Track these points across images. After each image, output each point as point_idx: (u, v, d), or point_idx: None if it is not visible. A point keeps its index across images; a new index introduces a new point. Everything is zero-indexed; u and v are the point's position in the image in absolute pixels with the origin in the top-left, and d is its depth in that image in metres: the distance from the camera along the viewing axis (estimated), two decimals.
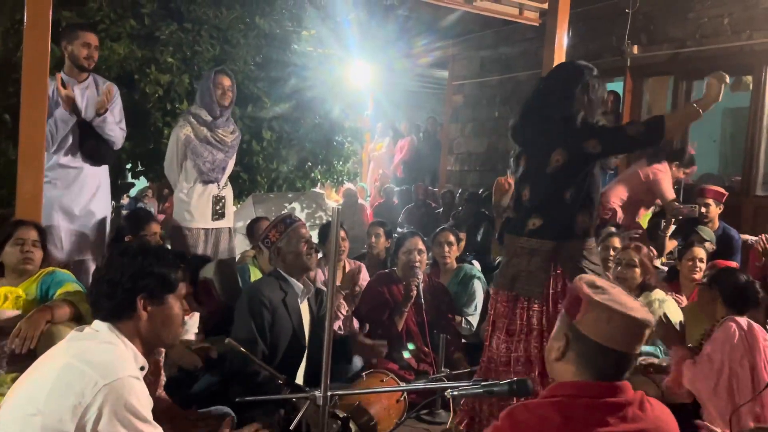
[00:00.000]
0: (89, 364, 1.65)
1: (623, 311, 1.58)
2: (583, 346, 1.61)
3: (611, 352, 1.59)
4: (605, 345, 1.59)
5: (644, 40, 6.82)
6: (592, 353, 1.60)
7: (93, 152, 4.02)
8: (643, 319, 1.60)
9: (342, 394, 2.53)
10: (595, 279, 1.70)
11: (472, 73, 9.48)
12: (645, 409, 1.61)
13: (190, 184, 4.31)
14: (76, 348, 1.73)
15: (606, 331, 1.58)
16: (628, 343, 1.60)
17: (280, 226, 3.31)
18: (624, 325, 1.58)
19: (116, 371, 1.65)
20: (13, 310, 3.04)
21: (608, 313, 1.58)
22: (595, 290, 1.63)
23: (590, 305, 1.60)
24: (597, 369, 1.60)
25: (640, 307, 1.63)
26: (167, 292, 1.87)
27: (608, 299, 1.61)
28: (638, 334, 1.60)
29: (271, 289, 3.17)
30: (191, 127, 4.26)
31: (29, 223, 3.26)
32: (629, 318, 1.58)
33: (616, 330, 1.58)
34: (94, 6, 5.19)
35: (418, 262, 3.91)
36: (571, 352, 1.63)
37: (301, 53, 6.06)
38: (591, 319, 1.60)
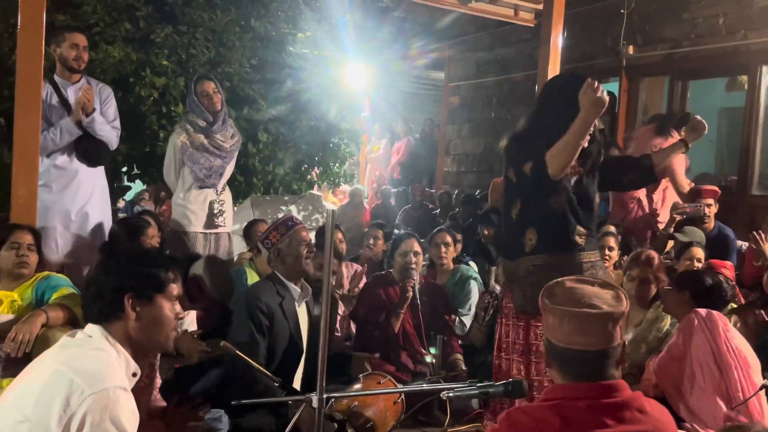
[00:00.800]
0: (78, 372, 1.63)
1: (573, 310, 1.58)
2: (554, 352, 1.64)
3: (575, 352, 1.60)
4: (566, 347, 1.60)
5: (640, 40, 6.83)
6: (563, 357, 1.62)
7: (87, 153, 4.00)
8: (594, 314, 1.58)
9: (339, 397, 2.53)
10: (566, 281, 1.69)
11: (468, 74, 9.48)
12: (643, 410, 1.61)
13: (188, 190, 4.31)
14: (67, 355, 1.72)
15: (564, 333, 1.60)
16: (589, 342, 1.59)
17: (282, 228, 3.31)
18: (578, 324, 1.58)
19: (103, 381, 1.63)
20: (8, 314, 3.03)
21: (559, 316, 1.60)
22: (551, 296, 1.65)
23: (545, 312, 1.64)
24: (573, 371, 1.61)
25: (598, 302, 1.61)
26: (156, 291, 1.85)
27: (560, 302, 1.61)
28: (598, 330, 1.58)
29: (268, 294, 3.17)
30: (186, 134, 4.28)
31: (24, 227, 3.26)
32: (580, 316, 1.58)
33: (572, 331, 1.59)
34: (88, 9, 5.18)
35: (414, 264, 3.90)
36: (551, 360, 1.66)
37: (296, 55, 6.06)
38: (548, 326, 1.64)
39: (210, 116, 4.31)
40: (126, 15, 5.30)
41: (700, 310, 2.95)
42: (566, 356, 1.61)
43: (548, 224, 2.73)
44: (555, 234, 2.72)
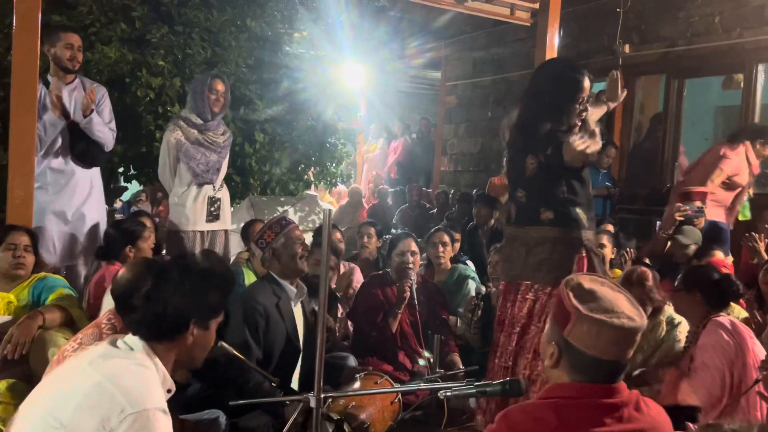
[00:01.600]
0: (119, 388, 1.61)
1: (613, 323, 1.56)
2: (575, 357, 1.60)
3: (604, 362, 1.58)
4: (597, 356, 1.57)
5: (636, 39, 6.84)
6: (585, 364, 1.59)
7: (84, 155, 3.99)
8: (633, 327, 1.58)
9: (336, 396, 2.53)
10: (582, 281, 1.66)
11: (464, 73, 9.49)
12: (641, 410, 1.61)
13: (185, 188, 4.28)
14: (110, 367, 1.68)
15: (597, 343, 1.57)
16: (619, 352, 1.59)
17: (276, 227, 3.30)
18: (615, 336, 1.57)
19: (144, 401, 1.61)
20: (5, 315, 3.03)
21: (598, 327, 1.56)
22: (582, 301, 1.60)
23: (579, 319, 1.58)
24: (590, 377, 1.60)
25: (629, 312, 1.60)
26: (214, 318, 1.85)
27: (596, 309, 1.58)
28: (629, 342, 1.60)
29: (264, 295, 3.16)
30: (181, 130, 4.24)
31: (21, 228, 3.26)
32: (619, 329, 1.57)
33: (606, 342, 1.57)
34: (84, 9, 5.17)
35: (411, 263, 3.90)
36: (564, 361, 1.62)
37: (293, 55, 6.06)
38: (581, 333, 1.58)
39: (209, 115, 4.28)
40: (122, 15, 5.29)
41: (724, 321, 2.86)
42: (593, 365, 1.58)
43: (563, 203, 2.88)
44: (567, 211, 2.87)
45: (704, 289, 2.97)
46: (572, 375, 1.61)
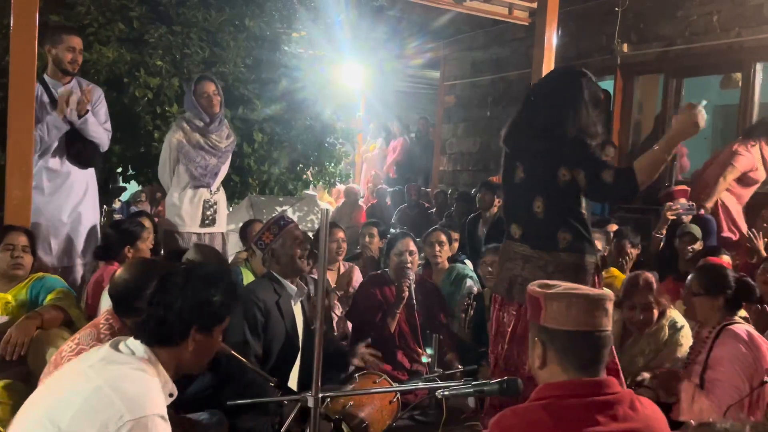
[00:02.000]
0: (119, 393, 1.60)
1: (578, 293, 1.67)
2: (557, 340, 1.66)
3: (583, 334, 1.64)
4: (575, 330, 1.64)
5: (634, 38, 6.84)
6: (567, 343, 1.65)
7: (79, 155, 3.99)
8: (598, 295, 1.69)
9: (334, 396, 2.52)
10: (545, 281, 1.78)
11: (463, 73, 9.49)
12: (635, 408, 1.62)
13: (182, 189, 4.29)
14: (110, 372, 1.67)
15: (570, 316, 1.65)
16: (594, 321, 1.65)
17: (274, 228, 3.30)
18: (585, 305, 1.65)
19: (144, 407, 1.59)
20: (3, 315, 3.03)
21: (566, 300, 1.66)
22: (545, 286, 1.73)
23: (547, 299, 1.68)
24: (578, 356, 1.64)
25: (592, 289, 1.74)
26: (218, 324, 1.83)
27: (560, 288, 1.70)
28: (601, 310, 1.67)
29: (264, 292, 3.17)
30: (183, 132, 4.25)
31: (18, 229, 3.26)
32: (587, 297, 1.66)
33: (579, 312, 1.65)
34: (82, 9, 5.17)
35: (409, 263, 3.90)
36: (550, 353, 1.67)
37: (291, 55, 6.06)
38: (554, 312, 1.66)
39: (207, 117, 4.29)
40: (120, 15, 5.28)
41: (740, 331, 2.77)
42: (573, 340, 1.64)
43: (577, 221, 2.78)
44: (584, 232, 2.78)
45: (728, 294, 2.86)
46: (560, 363, 1.65)
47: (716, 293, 2.87)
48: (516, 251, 2.87)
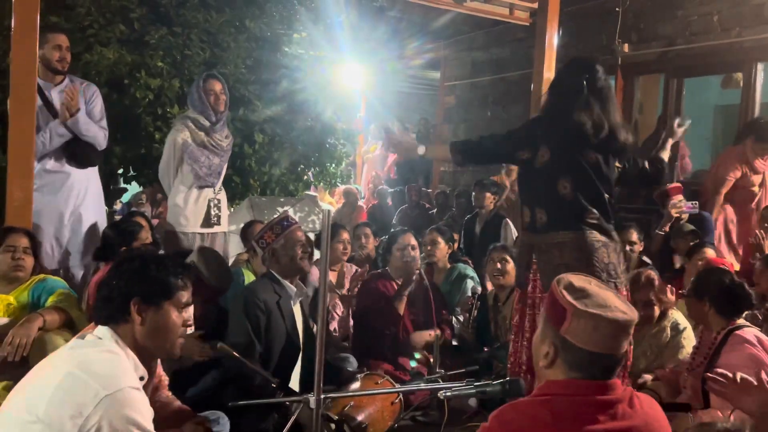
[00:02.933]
0: (91, 374, 1.64)
1: (609, 317, 1.58)
2: (573, 354, 1.61)
3: (601, 356, 1.59)
4: (594, 351, 1.59)
5: (634, 38, 6.84)
6: (583, 360, 1.60)
7: (77, 155, 3.97)
8: (627, 320, 1.60)
9: (336, 397, 2.52)
10: (572, 280, 1.68)
11: (463, 73, 9.49)
12: (634, 406, 1.62)
13: (186, 189, 4.27)
14: (79, 356, 1.72)
15: (594, 338, 1.58)
16: (616, 345, 1.60)
17: (276, 228, 3.31)
18: (611, 329, 1.58)
19: (118, 382, 1.64)
20: (4, 317, 3.03)
21: (595, 321, 1.58)
22: (576, 297, 1.62)
23: (575, 315, 1.59)
24: (588, 373, 1.60)
25: (621, 306, 1.63)
26: (164, 298, 1.85)
27: (591, 305, 1.60)
28: (625, 335, 1.61)
29: (265, 292, 3.17)
30: (189, 131, 4.20)
31: (20, 230, 3.25)
32: (616, 323, 1.58)
33: (604, 335, 1.58)
34: (82, 11, 5.17)
35: (411, 257, 3.92)
36: (560, 360, 1.63)
37: (292, 56, 6.05)
38: (578, 329, 1.59)
39: (213, 115, 4.26)
40: (120, 16, 5.28)
41: (747, 336, 2.75)
42: (591, 360, 1.59)
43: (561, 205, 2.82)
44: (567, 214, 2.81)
45: (714, 298, 2.86)
46: (569, 373, 1.62)
47: (701, 296, 2.89)
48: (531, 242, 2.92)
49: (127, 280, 1.83)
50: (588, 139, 2.77)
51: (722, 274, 2.97)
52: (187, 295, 1.93)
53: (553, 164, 2.81)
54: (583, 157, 2.80)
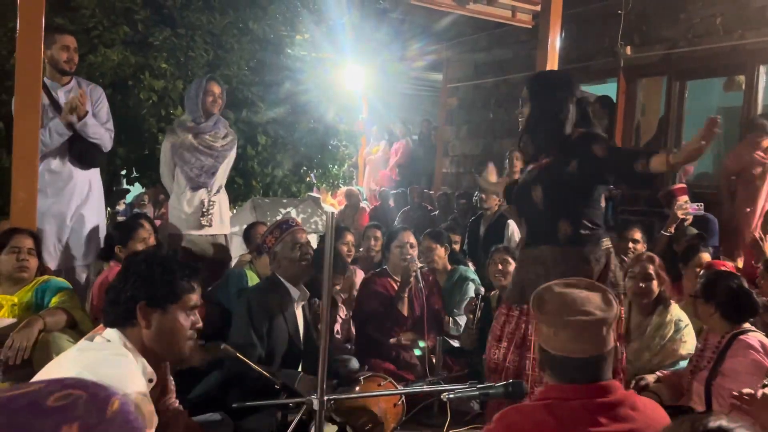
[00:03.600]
0: (99, 377, 1.59)
1: (567, 319, 1.58)
2: (549, 359, 1.64)
3: (573, 360, 1.60)
4: (564, 356, 1.60)
5: (637, 41, 6.84)
6: (559, 366, 1.62)
7: (81, 156, 3.98)
8: (589, 320, 1.59)
9: (339, 398, 2.53)
10: (555, 286, 1.68)
11: (466, 75, 9.49)
12: (637, 408, 1.62)
13: (180, 191, 4.33)
14: (87, 358, 1.72)
15: (559, 342, 1.60)
16: (585, 347, 1.59)
17: (276, 232, 3.32)
18: (573, 332, 1.59)
19: (125, 387, 1.63)
20: (8, 318, 3.03)
21: (553, 326, 1.60)
22: (540, 305, 1.64)
23: (538, 323, 1.64)
24: (568, 377, 1.61)
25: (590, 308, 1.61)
26: (170, 301, 1.85)
27: (550, 312, 1.61)
28: (592, 337, 1.60)
29: (268, 294, 3.19)
30: (175, 135, 4.31)
31: (24, 231, 3.26)
32: (575, 324, 1.58)
33: (568, 339, 1.59)
34: (87, 12, 5.18)
35: (410, 255, 3.93)
36: (545, 366, 1.66)
37: (295, 57, 6.07)
38: (543, 334, 1.64)
39: (203, 116, 4.30)
40: (124, 18, 5.30)
41: (752, 341, 2.76)
42: (562, 364, 1.61)
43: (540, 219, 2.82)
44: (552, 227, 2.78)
45: (721, 302, 2.86)
46: (554, 378, 1.64)
47: (708, 299, 2.90)
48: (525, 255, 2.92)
49: (133, 284, 1.83)
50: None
51: (732, 279, 2.96)
52: (195, 297, 1.92)
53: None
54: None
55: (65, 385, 0.87)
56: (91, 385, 0.89)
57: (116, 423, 0.85)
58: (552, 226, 2.76)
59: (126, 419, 0.87)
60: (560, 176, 2.75)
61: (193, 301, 1.91)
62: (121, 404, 0.88)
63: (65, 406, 0.82)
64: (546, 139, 2.84)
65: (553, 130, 2.82)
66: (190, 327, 1.90)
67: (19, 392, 0.84)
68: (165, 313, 1.84)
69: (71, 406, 0.83)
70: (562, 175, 2.75)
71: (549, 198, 2.77)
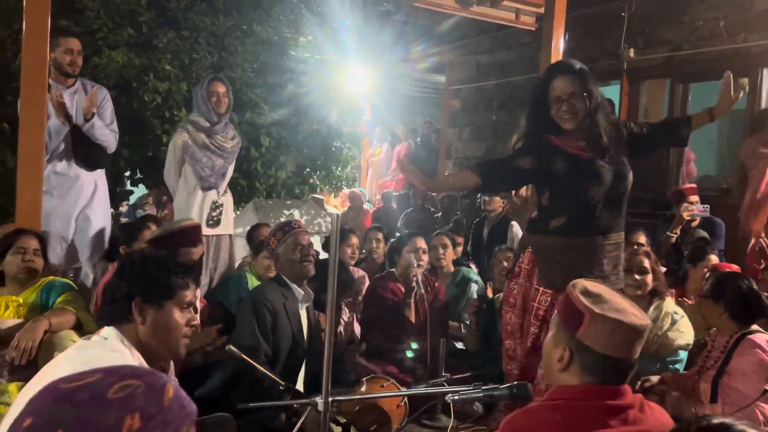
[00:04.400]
0: None
1: (626, 321, 1.60)
2: (588, 357, 1.61)
3: (617, 360, 1.60)
4: (610, 355, 1.59)
5: (640, 43, 6.85)
6: (598, 364, 1.60)
7: (87, 157, 4.00)
8: (643, 326, 1.62)
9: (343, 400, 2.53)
10: (587, 285, 1.69)
11: (469, 77, 9.50)
12: (645, 412, 1.63)
13: (190, 191, 4.31)
14: (84, 356, 1.73)
15: (610, 341, 1.59)
16: (631, 349, 1.61)
17: (279, 234, 3.34)
18: (627, 333, 1.60)
19: None
20: (14, 318, 3.04)
21: (612, 325, 1.59)
22: (593, 301, 1.63)
23: (594, 319, 1.60)
24: (602, 377, 1.61)
25: (636, 312, 1.65)
26: (165, 298, 1.86)
27: (609, 309, 1.62)
28: (640, 339, 1.62)
29: (272, 294, 3.21)
30: (188, 133, 4.27)
31: (30, 232, 3.27)
32: (632, 327, 1.59)
33: (619, 339, 1.59)
34: (91, 14, 5.20)
35: (422, 260, 3.94)
36: (575, 363, 1.63)
37: (298, 59, 6.09)
38: (595, 332, 1.60)
39: (214, 117, 4.31)
40: (129, 20, 5.32)
41: (759, 341, 2.78)
42: (607, 364, 1.60)
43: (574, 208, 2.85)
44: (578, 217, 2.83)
45: (730, 303, 2.87)
46: (583, 376, 1.62)
47: (718, 299, 2.92)
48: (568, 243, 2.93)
49: (128, 281, 1.85)
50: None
51: (741, 280, 2.98)
52: (190, 294, 1.93)
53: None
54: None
55: (122, 375, 0.91)
56: (145, 374, 0.93)
57: (173, 410, 0.90)
58: (607, 218, 2.83)
59: (181, 404, 0.92)
60: (618, 171, 2.83)
61: (189, 297, 1.92)
62: (175, 390, 0.92)
63: (126, 397, 0.87)
64: (608, 132, 2.83)
65: (613, 123, 2.88)
66: (185, 324, 1.90)
67: (79, 384, 0.89)
68: (160, 309, 1.85)
69: (131, 397, 0.87)
70: (620, 169, 2.83)
71: (607, 191, 2.80)
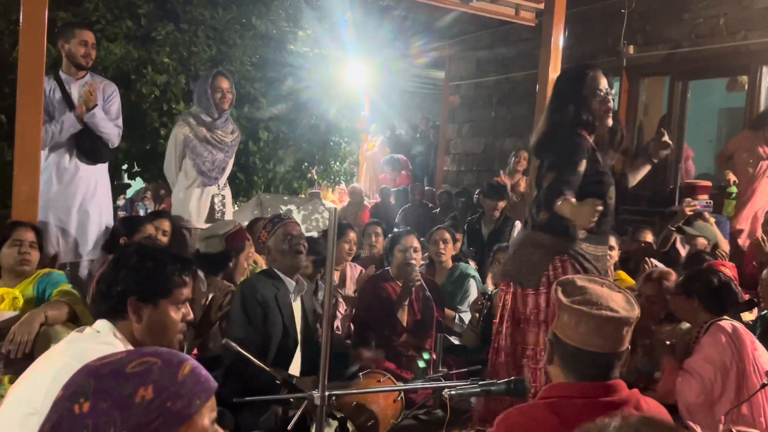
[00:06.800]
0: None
1: (592, 312, 1.58)
2: (562, 349, 1.63)
3: (588, 353, 1.60)
4: (579, 347, 1.60)
5: (640, 40, 6.84)
6: (570, 356, 1.62)
7: (88, 151, 3.99)
8: (612, 317, 1.59)
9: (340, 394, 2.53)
10: (576, 279, 1.69)
11: (468, 73, 9.48)
12: (640, 408, 1.62)
13: (190, 185, 4.30)
14: (76, 348, 1.72)
15: (578, 334, 1.60)
16: (603, 343, 1.60)
17: (269, 226, 3.36)
18: (595, 326, 1.59)
19: None
20: (10, 311, 3.03)
21: (577, 316, 1.60)
22: (567, 294, 1.64)
23: (560, 309, 1.63)
24: (578, 371, 1.61)
25: (615, 306, 1.62)
26: (161, 296, 1.83)
27: (578, 301, 1.61)
28: (612, 333, 1.60)
29: (263, 286, 3.20)
30: (189, 127, 4.26)
31: (26, 224, 3.26)
32: (599, 318, 1.58)
33: (588, 332, 1.59)
34: (90, 6, 5.19)
35: (413, 259, 3.93)
36: (556, 357, 1.65)
37: (297, 54, 6.08)
38: (563, 323, 1.63)
39: (216, 112, 4.30)
40: (127, 12, 5.31)
41: (726, 325, 2.83)
42: (576, 356, 1.61)
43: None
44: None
45: (703, 296, 2.93)
46: (563, 369, 1.64)
47: (690, 295, 2.96)
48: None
49: (124, 277, 1.81)
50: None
51: (711, 273, 3.05)
52: (187, 291, 1.90)
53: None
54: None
55: (143, 354, 1.02)
56: (165, 353, 1.03)
57: (187, 384, 0.99)
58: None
59: (197, 380, 1.00)
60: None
61: (185, 295, 1.89)
62: (192, 368, 1.01)
63: (142, 371, 0.98)
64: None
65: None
66: (180, 320, 1.88)
67: (105, 362, 1.03)
68: (156, 308, 1.82)
69: (147, 371, 0.98)
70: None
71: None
